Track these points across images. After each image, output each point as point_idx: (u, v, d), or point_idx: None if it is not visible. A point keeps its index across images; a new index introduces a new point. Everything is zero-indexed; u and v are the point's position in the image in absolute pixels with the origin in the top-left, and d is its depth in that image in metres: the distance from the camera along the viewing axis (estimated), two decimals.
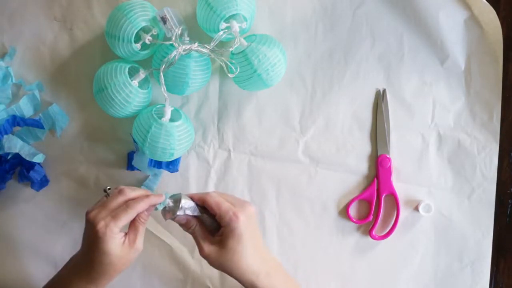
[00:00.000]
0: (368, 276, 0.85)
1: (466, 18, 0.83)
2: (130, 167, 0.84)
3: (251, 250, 0.72)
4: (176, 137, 0.78)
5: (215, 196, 0.74)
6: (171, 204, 0.74)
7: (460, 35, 0.83)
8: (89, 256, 0.71)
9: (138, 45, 0.77)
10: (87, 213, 0.71)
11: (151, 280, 0.85)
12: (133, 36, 0.76)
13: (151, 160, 0.82)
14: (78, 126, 0.85)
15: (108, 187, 0.73)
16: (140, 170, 0.84)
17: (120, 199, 0.71)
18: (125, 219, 0.71)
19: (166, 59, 0.75)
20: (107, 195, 0.73)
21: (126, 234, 0.72)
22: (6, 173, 0.83)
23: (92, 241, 0.70)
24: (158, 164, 0.83)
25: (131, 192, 0.72)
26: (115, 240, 0.70)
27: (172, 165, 0.83)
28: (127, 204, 0.71)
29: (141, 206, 0.71)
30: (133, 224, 0.73)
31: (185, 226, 0.75)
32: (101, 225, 0.69)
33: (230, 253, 0.72)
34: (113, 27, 0.76)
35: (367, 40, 0.84)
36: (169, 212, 0.74)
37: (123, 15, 0.76)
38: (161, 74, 0.76)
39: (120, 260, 0.71)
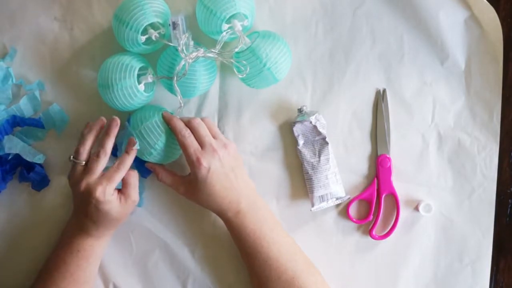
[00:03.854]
0: (368, 276, 0.85)
1: (466, 18, 0.83)
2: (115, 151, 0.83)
3: (217, 192, 0.77)
4: (165, 144, 0.78)
5: (187, 136, 0.77)
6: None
7: (460, 35, 0.83)
8: (92, 219, 0.76)
9: (143, 38, 0.77)
10: (77, 183, 0.76)
11: (151, 280, 0.85)
12: (142, 27, 0.76)
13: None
14: (78, 125, 0.85)
15: (72, 156, 0.78)
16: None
17: (103, 160, 0.77)
18: (119, 178, 0.77)
19: (176, 71, 0.75)
20: (75, 162, 0.77)
21: (119, 191, 0.78)
22: (6, 173, 0.83)
23: (93, 207, 0.75)
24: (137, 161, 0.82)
25: (107, 147, 0.77)
26: (113, 201, 0.76)
27: (143, 168, 0.83)
28: (118, 163, 0.77)
29: (130, 160, 0.77)
30: (124, 180, 0.78)
31: (156, 176, 0.81)
32: (99, 191, 0.75)
33: (198, 193, 0.77)
34: (125, 12, 0.76)
35: (367, 40, 0.84)
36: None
37: (139, 4, 0.76)
38: (175, 85, 0.77)
39: (120, 215, 0.78)
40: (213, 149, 0.76)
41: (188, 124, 0.78)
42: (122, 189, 0.78)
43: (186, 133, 0.77)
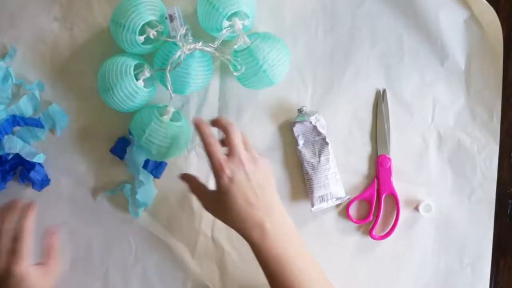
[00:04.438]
0: (368, 276, 0.85)
1: (466, 18, 0.83)
2: (115, 149, 0.84)
3: (240, 206, 0.71)
4: (174, 136, 0.78)
5: (213, 144, 0.72)
6: None
7: (460, 35, 0.83)
8: None
9: (142, 38, 0.77)
10: None
11: (151, 280, 0.85)
12: (139, 27, 0.76)
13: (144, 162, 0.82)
14: (79, 125, 0.85)
15: None
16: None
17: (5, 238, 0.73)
18: (26, 246, 0.73)
19: (171, 59, 0.75)
20: None
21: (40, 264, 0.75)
22: (6, 173, 0.83)
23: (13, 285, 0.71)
24: (144, 166, 0.82)
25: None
26: (32, 275, 0.73)
27: (156, 171, 0.83)
28: (19, 232, 0.73)
29: (29, 224, 0.74)
30: (45, 250, 0.76)
31: (187, 184, 0.77)
32: (14, 268, 0.71)
33: (220, 207, 0.72)
34: (120, 14, 0.76)
35: (367, 40, 0.84)
36: None
37: (133, 5, 0.76)
38: (168, 74, 0.76)
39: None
40: (240, 161, 0.72)
41: (225, 127, 0.74)
42: (42, 260, 0.75)
43: (212, 141, 0.72)
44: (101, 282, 0.85)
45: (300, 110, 0.83)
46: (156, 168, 0.83)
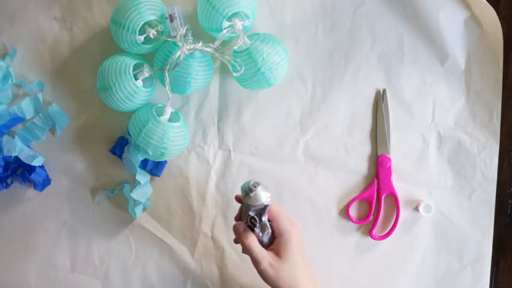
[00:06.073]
0: (368, 276, 0.85)
1: (466, 18, 0.83)
2: (115, 149, 0.84)
3: (302, 263, 0.73)
4: (171, 137, 0.78)
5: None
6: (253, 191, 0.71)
7: (460, 35, 0.83)
8: None
9: (142, 37, 0.77)
10: None
11: (151, 280, 0.85)
12: (139, 27, 0.76)
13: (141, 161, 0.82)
14: (78, 125, 0.85)
15: None
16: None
17: None
18: None
19: (171, 59, 0.75)
20: None
21: None
22: (9, 175, 0.83)
23: None
24: (143, 164, 0.83)
25: None
26: None
27: (156, 169, 0.83)
28: None
29: None
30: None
31: (243, 237, 0.74)
32: None
33: (289, 265, 0.72)
34: (120, 14, 0.76)
35: (367, 40, 0.84)
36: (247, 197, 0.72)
37: (133, 5, 0.76)
38: (166, 74, 0.76)
39: None
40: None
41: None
42: None
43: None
44: (101, 282, 0.85)
45: (251, 190, 0.72)
46: (156, 166, 0.83)
